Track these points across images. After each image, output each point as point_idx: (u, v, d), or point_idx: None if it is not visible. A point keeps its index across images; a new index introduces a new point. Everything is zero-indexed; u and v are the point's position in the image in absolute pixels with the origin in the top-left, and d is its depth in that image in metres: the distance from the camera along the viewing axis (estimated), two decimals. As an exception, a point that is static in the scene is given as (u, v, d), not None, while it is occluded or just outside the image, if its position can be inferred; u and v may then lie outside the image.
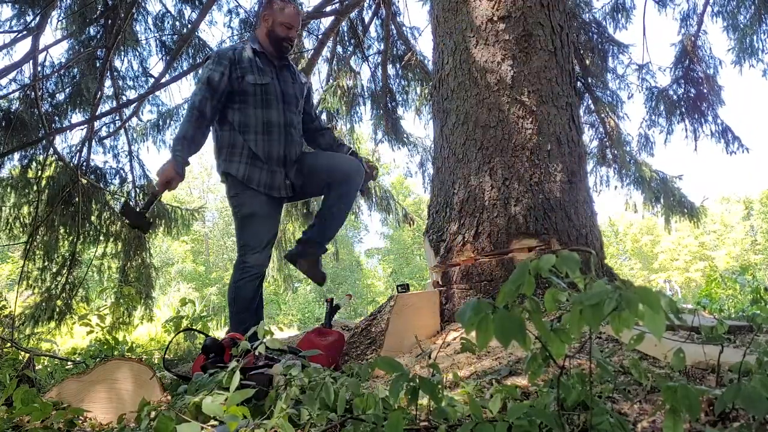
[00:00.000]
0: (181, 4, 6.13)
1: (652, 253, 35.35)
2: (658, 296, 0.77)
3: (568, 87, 3.17)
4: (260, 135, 2.59)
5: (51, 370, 3.08)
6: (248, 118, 2.59)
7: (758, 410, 0.90)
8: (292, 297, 21.74)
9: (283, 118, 2.67)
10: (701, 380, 1.45)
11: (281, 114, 2.67)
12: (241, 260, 2.58)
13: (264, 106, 2.60)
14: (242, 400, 1.25)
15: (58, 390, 1.88)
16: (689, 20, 6.59)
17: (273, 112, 2.63)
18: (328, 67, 7.09)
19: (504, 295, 0.90)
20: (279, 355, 2.13)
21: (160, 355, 4.01)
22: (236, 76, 2.57)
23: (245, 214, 2.60)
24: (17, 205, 5.20)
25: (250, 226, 2.61)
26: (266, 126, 2.61)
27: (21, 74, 5.10)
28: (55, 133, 5.07)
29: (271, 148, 2.61)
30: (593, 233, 2.97)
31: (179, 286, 17.83)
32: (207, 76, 2.53)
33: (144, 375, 1.89)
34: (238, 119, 2.59)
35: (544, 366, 1.00)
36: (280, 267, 7.18)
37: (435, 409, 1.14)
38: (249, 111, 2.59)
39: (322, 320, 2.81)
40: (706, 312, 4.27)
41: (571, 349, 1.85)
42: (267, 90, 2.62)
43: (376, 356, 2.27)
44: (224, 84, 2.54)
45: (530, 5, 3.13)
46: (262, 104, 2.61)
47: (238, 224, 2.63)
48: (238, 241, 2.62)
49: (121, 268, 5.50)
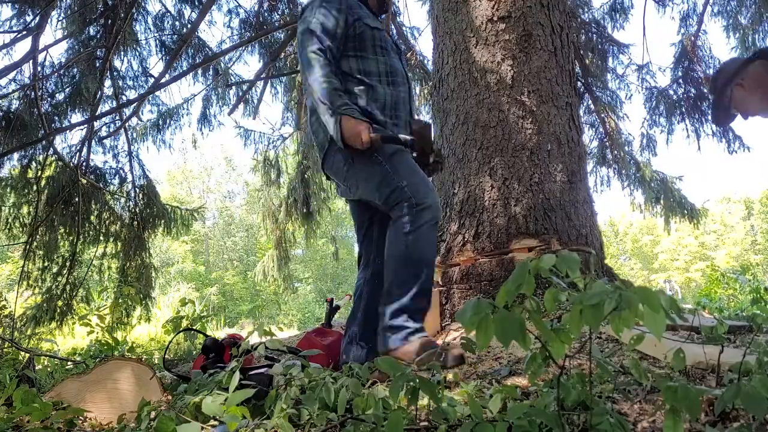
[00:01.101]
0: (180, 4, 6.14)
1: (652, 253, 35.36)
2: (658, 296, 0.77)
3: (568, 87, 3.17)
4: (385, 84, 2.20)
5: (51, 370, 3.07)
6: (369, 65, 2.19)
7: (758, 410, 0.90)
8: (292, 297, 21.74)
9: (402, 69, 2.31)
10: (701, 380, 1.45)
11: (400, 63, 2.32)
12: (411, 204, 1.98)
13: (383, 54, 2.23)
14: (242, 400, 1.25)
15: (58, 390, 1.88)
16: (689, 20, 6.60)
17: (395, 60, 2.29)
18: (328, 67, 7.07)
19: (504, 295, 0.90)
20: (279, 355, 2.13)
21: (160, 355, 4.01)
22: (352, 19, 2.20)
23: (391, 152, 2.07)
24: (17, 205, 5.20)
25: (404, 161, 2.08)
26: (391, 74, 2.23)
27: (21, 74, 5.10)
28: (55, 133, 5.06)
29: (398, 98, 2.23)
30: (593, 233, 2.97)
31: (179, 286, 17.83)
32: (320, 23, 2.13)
33: (144, 375, 1.89)
34: (356, 67, 2.18)
35: (544, 366, 1.00)
36: (279, 267, 7.18)
37: (435, 409, 1.14)
38: (369, 57, 2.20)
39: (322, 320, 2.81)
40: (706, 312, 4.27)
41: (571, 349, 1.85)
42: (383, 37, 2.28)
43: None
44: (340, 30, 2.16)
45: (530, 5, 3.14)
46: (382, 51, 2.24)
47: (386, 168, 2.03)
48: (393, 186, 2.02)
49: (121, 268, 5.50)
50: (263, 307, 22.89)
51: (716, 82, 2.01)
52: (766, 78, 1.83)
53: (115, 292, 5.32)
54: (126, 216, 5.64)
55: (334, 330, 2.64)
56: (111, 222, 5.52)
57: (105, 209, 5.50)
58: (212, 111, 6.69)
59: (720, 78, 1.99)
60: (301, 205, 6.81)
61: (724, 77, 1.96)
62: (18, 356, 3.30)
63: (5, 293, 5.08)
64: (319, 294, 24.43)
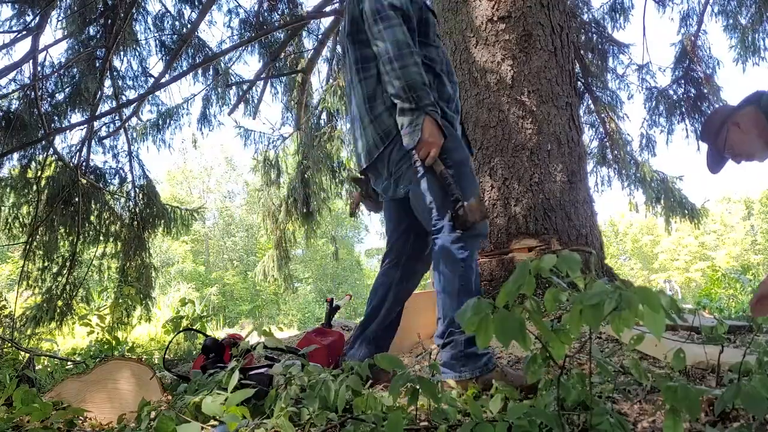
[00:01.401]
0: (180, 4, 6.14)
1: (652, 253, 35.35)
2: (658, 296, 0.77)
3: (568, 87, 3.17)
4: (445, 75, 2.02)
5: (51, 370, 3.07)
6: (431, 53, 1.99)
7: (758, 410, 0.90)
8: (292, 297, 21.74)
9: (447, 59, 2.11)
10: (701, 380, 1.45)
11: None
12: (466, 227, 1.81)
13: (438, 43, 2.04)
14: (242, 400, 1.25)
15: (58, 390, 1.88)
16: (689, 20, 6.60)
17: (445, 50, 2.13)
18: (328, 67, 7.09)
19: (504, 295, 0.90)
20: (279, 355, 2.13)
21: (160, 355, 4.01)
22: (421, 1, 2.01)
23: (459, 159, 1.89)
24: (17, 205, 5.20)
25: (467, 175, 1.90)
26: (447, 64, 2.06)
27: (21, 74, 5.10)
28: (55, 133, 5.06)
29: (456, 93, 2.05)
30: (593, 233, 2.97)
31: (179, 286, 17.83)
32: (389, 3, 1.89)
33: (144, 375, 1.89)
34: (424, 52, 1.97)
35: (544, 366, 1.00)
36: (279, 267, 7.18)
37: (435, 409, 1.14)
38: (431, 44, 2.01)
39: (322, 320, 2.81)
40: (706, 312, 4.27)
41: (571, 349, 1.85)
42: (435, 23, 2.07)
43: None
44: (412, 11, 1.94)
45: (530, 5, 3.13)
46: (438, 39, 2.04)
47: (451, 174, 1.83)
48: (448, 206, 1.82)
49: (121, 268, 5.50)
50: (263, 307, 22.88)
51: (710, 125, 1.98)
52: (760, 118, 1.83)
53: (115, 292, 5.32)
54: (126, 216, 5.64)
55: (334, 330, 2.64)
56: (111, 222, 5.52)
57: (105, 209, 5.50)
58: (212, 111, 6.70)
59: (714, 120, 1.97)
60: (301, 205, 6.81)
61: (718, 119, 1.95)
62: (18, 356, 3.30)
63: (5, 293, 5.08)
64: (319, 294, 24.43)
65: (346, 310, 18.00)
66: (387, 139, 1.94)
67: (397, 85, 1.83)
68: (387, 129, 1.94)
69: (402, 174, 1.94)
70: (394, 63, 1.83)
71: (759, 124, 1.84)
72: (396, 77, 1.83)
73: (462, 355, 1.68)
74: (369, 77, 1.97)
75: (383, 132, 1.95)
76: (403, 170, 1.93)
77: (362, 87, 1.98)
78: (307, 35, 6.86)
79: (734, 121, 1.86)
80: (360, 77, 1.99)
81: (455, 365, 1.68)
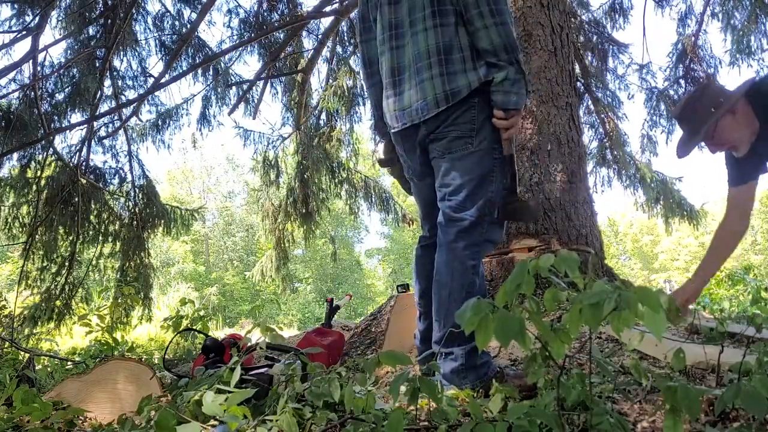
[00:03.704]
0: (180, 5, 6.14)
1: (652, 253, 35.35)
2: (658, 296, 0.77)
3: (568, 87, 3.17)
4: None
5: (51, 370, 3.07)
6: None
7: (758, 410, 0.90)
8: (292, 297, 21.74)
9: None
10: (701, 380, 1.45)
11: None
12: (480, 230, 1.70)
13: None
14: (242, 399, 1.25)
15: (58, 390, 1.88)
16: (688, 20, 6.60)
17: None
18: (328, 67, 7.08)
19: (504, 294, 0.90)
20: (279, 355, 2.13)
21: (160, 355, 4.01)
22: None
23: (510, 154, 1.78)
24: (16, 205, 5.20)
25: (502, 175, 1.75)
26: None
27: (21, 74, 5.10)
28: (55, 132, 5.06)
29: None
30: (593, 233, 2.97)
31: (179, 286, 17.84)
32: None
33: (144, 375, 1.89)
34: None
35: (543, 366, 1.00)
36: (278, 267, 7.18)
37: (435, 409, 1.14)
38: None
39: (322, 320, 2.81)
40: (707, 312, 4.27)
41: (571, 349, 1.85)
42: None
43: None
44: None
45: (530, 5, 3.14)
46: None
47: (491, 169, 1.71)
48: (479, 197, 1.70)
49: (120, 267, 5.50)
50: (263, 307, 22.85)
51: (698, 108, 1.83)
52: (753, 118, 1.81)
53: (115, 292, 5.32)
54: (125, 216, 5.64)
55: (334, 330, 2.64)
56: (110, 222, 5.52)
57: (104, 209, 5.50)
58: (212, 111, 6.69)
59: (702, 103, 1.82)
60: (300, 205, 6.80)
61: (708, 103, 1.82)
62: (18, 356, 3.30)
63: (5, 293, 5.08)
64: (319, 294, 24.42)
65: (346, 310, 18.01)
66: (454, 99, 1.69)
67: (498, 42, 1.66)
68: (457, 89, 1.70)
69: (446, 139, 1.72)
70: (497, 17, 1.65)
71: (752, 123, 1.83)
72: (498, 34, 1.66)
73: (462, 369, 1.64)
74: (447, 25, 1.72)
75: (452, 91, 1.70)
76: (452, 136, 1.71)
77: (436, 34, 1.73)
78: (306, 35, 6.86)
79: (733, 109, 1.82)
80: (435, 22, 1.73)
81: (455, 378, 1.65)
